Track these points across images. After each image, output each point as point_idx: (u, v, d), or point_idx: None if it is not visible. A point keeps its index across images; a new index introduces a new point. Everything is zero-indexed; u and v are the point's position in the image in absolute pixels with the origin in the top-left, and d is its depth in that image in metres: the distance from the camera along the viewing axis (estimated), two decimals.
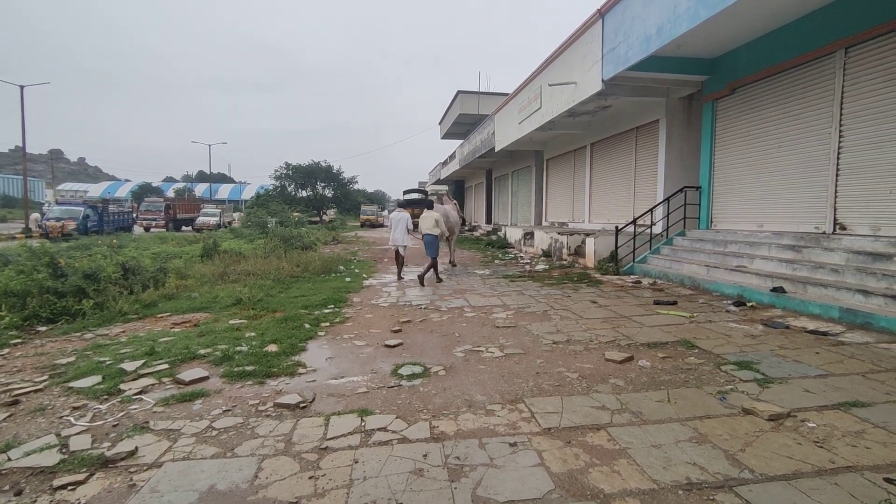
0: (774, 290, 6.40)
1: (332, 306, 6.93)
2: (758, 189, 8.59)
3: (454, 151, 31.80)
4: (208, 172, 61.49)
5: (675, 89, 10.52)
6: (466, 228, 31.13)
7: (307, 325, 5.69)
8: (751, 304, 6.39)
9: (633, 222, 10.33)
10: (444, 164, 36.74)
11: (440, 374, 4.01)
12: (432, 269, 9.59)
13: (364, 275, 10.47)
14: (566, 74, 11.57)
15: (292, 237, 14.33)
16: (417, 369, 4.11)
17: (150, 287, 7.81)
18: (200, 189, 70.62)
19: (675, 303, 6.72)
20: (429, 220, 9.89)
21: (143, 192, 67.10)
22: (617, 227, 10.51)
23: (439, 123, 39.16)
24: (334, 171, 47.96)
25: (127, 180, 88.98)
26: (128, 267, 8.63)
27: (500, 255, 14.75)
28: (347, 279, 9.71)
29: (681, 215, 10.23)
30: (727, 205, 9.44)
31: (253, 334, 5.29)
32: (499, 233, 20.64)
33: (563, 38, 11.74)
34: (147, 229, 33.75)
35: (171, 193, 65.38)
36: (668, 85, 10.33)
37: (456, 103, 31.66)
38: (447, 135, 37.48)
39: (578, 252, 11.94)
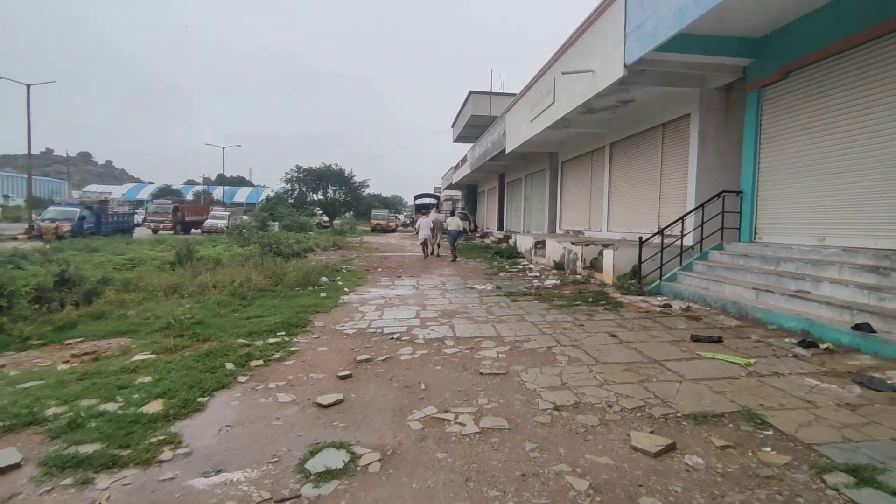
0: (857, 327, 4.79)
1: (283, 333, 5.55)
2: (818, 194, 6.96)
3: (466, 155, 30.40)
4: (225, 175, 61.28)
5: (711, 77, 8.96)
6: (478, 235, 29.73)
7: (230, 366, 4.32)
8: (825, 345, 4.79)
9: (661, 232, 8.74)
10: (456, 167, 35.39)
11: (370, 472, 2.58)
12: (452, 249, 15.59)
13: (346, 288, 9.11)
14: (583, 62, 10.06)
15: (271, 243, 13.01)
16: (339, 460, 2.68)
17: (78, 304, 6.56)
18: (220, 192, 70.67)
19: (720, 339, 5.16)
20: (454, 222, 16.17)
21: (164, 193, 67.50)
22: (640, 238, 8.93)
23: (452, 126, 37.85)
24: (346, 174, 46.94)
25: (150, 182, 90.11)
26: (66, 277, 7.47)
27: (506, 267, 13.23)
28: (323, 294, 8.36)
29: (717, 225, 8.61)
30: (776, 213, 7.80)
31: (148, 379, 3.94)
32: (509, 241, 19.11)
33: (580, 22, 10.28)
34: (155, 231, 33.20)
35: (190, 196, 65.51)
36: (703, 71, 8.77)
37: (468, 104, 30.29)
38: (459, 138, 36.10)
39: (595, 265, 10.38)
